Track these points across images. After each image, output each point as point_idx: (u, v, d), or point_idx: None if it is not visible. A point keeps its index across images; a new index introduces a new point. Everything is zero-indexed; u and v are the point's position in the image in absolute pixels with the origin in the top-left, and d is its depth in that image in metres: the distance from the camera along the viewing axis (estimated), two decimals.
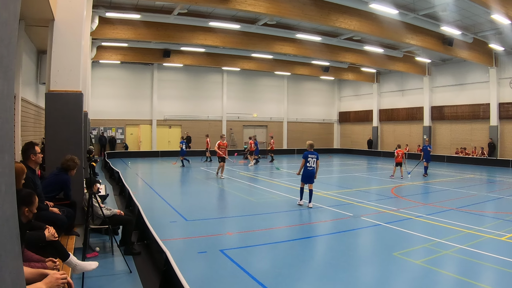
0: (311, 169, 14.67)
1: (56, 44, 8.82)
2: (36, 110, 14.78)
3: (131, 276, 7.56)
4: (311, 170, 14.68)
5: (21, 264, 2.04)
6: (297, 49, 31.35)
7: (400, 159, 23.40)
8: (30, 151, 7.27)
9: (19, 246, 2.01)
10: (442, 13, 23.25)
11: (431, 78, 39.60)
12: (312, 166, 14.68)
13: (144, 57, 34.84)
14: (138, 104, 40.88)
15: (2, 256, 1.72)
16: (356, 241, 10.78)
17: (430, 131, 39.49)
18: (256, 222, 12.64)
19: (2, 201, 1.72)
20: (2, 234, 1.73)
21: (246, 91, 46.28)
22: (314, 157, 14.78)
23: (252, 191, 18.74)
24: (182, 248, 9.60)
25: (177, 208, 14.28)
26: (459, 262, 8.64)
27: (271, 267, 8.36)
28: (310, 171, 14.67)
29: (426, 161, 24.77)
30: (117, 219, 9.03)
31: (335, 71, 42.79)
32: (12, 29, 1.81)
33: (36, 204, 4.88)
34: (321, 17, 22.43)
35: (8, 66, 1.76)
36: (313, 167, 14.70)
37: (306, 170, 14.70)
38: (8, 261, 1.80)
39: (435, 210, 14.24)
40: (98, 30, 23.52)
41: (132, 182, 20.39)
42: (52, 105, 8.84)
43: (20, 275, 2.03)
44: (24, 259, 4.42)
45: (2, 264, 1.72)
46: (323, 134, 50.83)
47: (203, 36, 27.82)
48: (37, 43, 14.50)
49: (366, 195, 17.64)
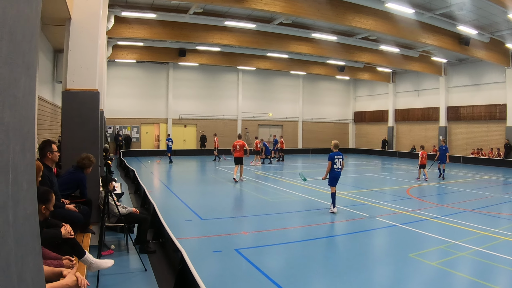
0: (338, 171, 13.86)
1: (73, 43, 8.87)
2: (52, 108, 14.89)
3: (146, 274, 7.58)
4: (339, 172, 13.89)
5: (41, 263, 2.04)
6: (313, 49, 31.25)
7: (425, 160, 22.65)
8: (47, 149, 7.30)
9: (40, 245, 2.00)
10: (458, 12, 23.02)
11: (447, 78, 39.23)
12: (339, 168, 13.88)
13: (160, 56, 34.99)
14: (154, 103, 41.05)
15: (24, 255, 1.72)
16: (371, 241, 10.72)
17: (446, 131, 39.09)
18: (271, 221, 12.62)
19: (24, 199, 1.72)
20: (23, 232, 1.72)
21: (261, 90, 46.22)
22: (340, 157, 13.95)
23: (267, 190, 18.73)
24: (197, 247, 9.60)
25: (193, 207, 14.29)
26: (475, 264, 8.55)
27: (286, 267, 8.34)
28: (338, 172, 13.87)
29: (441, 162, 23.84)
30: (133, 218, 9.06)
31: (350, 70, 42.58)
32: (34, 26, 1.80)
33: (53, 201, 4.91)
34: (337, 17, 22.34)
35: (30, 62, 1.76)
36: (340, 168, 13.92)
37: (333, 172, 13.83)
38: (29, 260, 1.79)
39: (451, 211, 14.11)
40: (114, 29, 23.64)
41: (147, 181, 20.46)
42: (69, 103, 8.88)
43: (40, 274, 2.02)
44: None
45: (24, 263, 1.71)
46: (338, 134, 50.51)
47: (218, 36, 27.83)
48: (53, 42, 14.60)
49: (381, 196, 17.55)
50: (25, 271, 1.72)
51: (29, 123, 1.77)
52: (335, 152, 13.93)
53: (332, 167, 13.75)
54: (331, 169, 13.77)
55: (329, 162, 13.81)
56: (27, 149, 1.75)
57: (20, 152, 1.66)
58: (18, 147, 1.64)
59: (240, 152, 21.42)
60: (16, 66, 1.62)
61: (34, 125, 1.88)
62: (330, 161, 13.78)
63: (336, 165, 13.77)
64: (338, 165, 13.82)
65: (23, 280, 1.69)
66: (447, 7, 22.69)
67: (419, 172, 23.16)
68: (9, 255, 1.55)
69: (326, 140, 48.90)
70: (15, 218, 1.61)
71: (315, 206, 14.80)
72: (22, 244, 1.70)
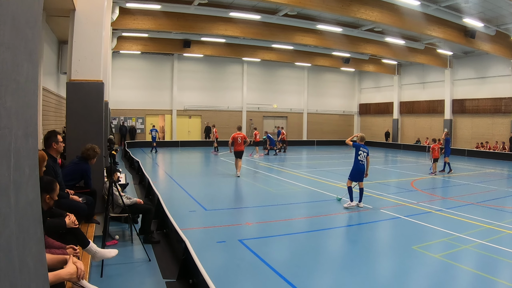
0: (362, 164, 13.31)
1: (77, 34, 8.85)
2: (57, 99, 14.91)
3: (150, 264, 7.61)
4: (362, 166, 13.33)
5: (43, 249, 2.05)
6: (318, 40, 31.14)
7: (437, 154, 22.23)
8: (52, 140, 7.32)
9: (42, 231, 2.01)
10: (464, 4, 22.86)
11: (453, 70, 39.03)
12: (363, 161, 13.31)
13: (165, 47, 34.93)
14: (158, 94, 41.10)
15: (26, 239, 1.73)
16: (375, 233, 10.73)
17: (451, 124, 38.96)
18: (275, 212, 12.66)
19: (26, 184, 1.73)
20: (25, 217, 1.73)
21: (266, 82, 46.14)
22: (366, 151, 13.38)
23: (271, 181, 18.72)
24: (201, 237, 9.63)
25: (197, 198, 14.32)
26: (478, 257, 8.56)
27: (290, 258, 8.37)
28: (361, 166, 13.32)
29: (447, 155, 23.23)
30: (137, 208, 9.10)
31: (355, 62, 42.44)
32: (37, 12, 1.80)
33: (57, 191, 4.93)
34: (342, 8, 22.24)
35: (33, 49, 1.76)
36: (364, 162, 13.35)
37: (357, 164, 13.34)
38: (31, 245, 1.80)
39: (455, 204, 14.10)
40: (118, 20, 23.60)
41: (152, 172, 20.50)
42: (73, 94, 8.88)
43: (43, 260, 2.04)
44: (45, 246, 4.46)
45: (25, 248, 1.72)
46: (343, 126, 50.55)
47: (223, 27, 27.77)
48: (58, 33, 14.60)
49: (385, 188, 17.53)
50: (26, 255, 1.73)
51: (31, 109, 1.78)
52: (361, 144, 13.49)
53: (356, 159, 13.31)
54: (355, 161, 13.35)
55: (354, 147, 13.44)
56: (29, 134, 1.75)
57: (22, 137, 1.67)
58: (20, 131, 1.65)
59: (241, 146, 19.93)
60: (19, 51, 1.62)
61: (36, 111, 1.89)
62: (355, 147, 13.41)
63: (360, 157, 13.27)
64: (362, 158, 13.29)
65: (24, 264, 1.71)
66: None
67: (433, 166, 22.44)
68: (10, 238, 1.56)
69: (331, 132, 49.01)
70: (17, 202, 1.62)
71: (320, 197, 14.81)
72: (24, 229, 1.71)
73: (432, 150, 22.27)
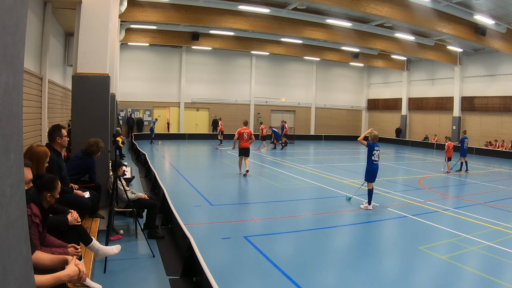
0: (376, 164, 12.88)
1: (83, 27, 8.78)
2: (63, 92, 14.87)
3: (154, 260, 7.56)
4: (377, 165, 12.91)
5: (30, 269, 1.96)
6: (327, 35, 30.93)
7: (451, 152, 21.91)
8: (56, 134, 7.26)
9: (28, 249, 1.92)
10: (475, 1, 22.64)
11: (462, 67, 38.66)
12: (377, 160, 12.85)
13: (173, 39, 34.83)
14: (166, 86, 41.10)
15: (7, 265, 1.64)
16: (381, 232, 10.66)
17: (460, 122, 38.68)
18: (281, 209, 12.59)
19: (7, 205, 1.63)
20: (6, 240, 1.64)
21: (274, 75, 45.97)
22: (379, 149, 12.97)
23: (278, 177, 18.63)
24: (206, 233, 9.59)
25: (202, 192, 14.27)
26: (485, 259, 8.45)
27: (295, 256, 8.31)
28: (376, 166, 12.89)
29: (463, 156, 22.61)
30: (142, 203, 9.06)
31: (364, 57, 42.16)
32: (19, 16, 1.70)
33: (58, 189, 4.86)
34: (352, 2, 22.05)
35: (14, 55, 1.66)
36: (378, 161, 12.95)
37: (371, 165, 12.83)
38: (13, 268, 1.71)
39: (463, 204, 13.99)
40: (126, 12, 23.48)
41: (158, 165, 20.47)
42: (79, 87, 8.82)
43: (30, 281, 1.95)
44: (46, 244, 4.41)
45: (7, 273, 1.64)
46: (351, 121, 50.36)
47: (232, 20, 27.63)
48: (64, 26, 14.55)
49: (393, 185, 17.43)
50: (8, 281, 1.64)
51: (14, 121, 1.68)
52: (374, 143, 12.87)
53: (371, 159, 12.82)
54: (370, 162, 12.85)
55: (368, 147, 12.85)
56: (11, 150, 1.65)
57: (2, 154, 1.57)
58: None
59: (247, 142, 18.44)
60: None
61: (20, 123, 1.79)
62: (369, 147, 12.82)
63: (374, 157, 12.78)
64: (376, 157, 12.82)
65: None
66: None
67: (448, 165, 22.04)
68: None
69: (339, 127, 48.87)
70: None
71: (327, 194, 14.73)
72: (4, 253, 1.62)
73: (447, 148, 21.92)
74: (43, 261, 3.80)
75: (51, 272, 3.63)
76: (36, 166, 5.49)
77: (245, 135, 18.49)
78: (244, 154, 18.41)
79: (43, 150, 5.85)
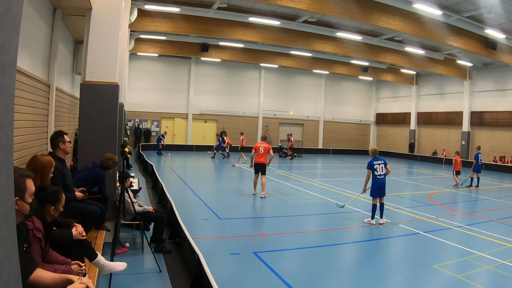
0: (381, 178, 12.44)
1: (93, 34, 8.63)
2: (71, 100, 14.70)
3: (160, 275, 7.33)
4: (381, 180, 12.45)
5: None
6: (337, 48, 30.82)
7: (459, 166, 22.26)
8: (58, 139, 7.07)
9: None
10: (487, 15, 22.43)
11: (472, 82, 38.40)
12: (382, 174, 12.45)
13: (182, 50, 34.82)
14: (175, 97, 41.06)
15: None
16: (393, 250, 10.37)
17: (469, 137, 38.38)
18: (291, 224, 12.36)
19: None
20: None
21: (283, 88, 45.86)
22: (381, 162, 12.58)
23: (286, 190, 18.36)
24: (215, 248, 9.34)
25: (211, 205, 14.04)
26: (501, 278, 8.14)
27: (306, 273, 8.02)
28: (380, 180, 12.44)
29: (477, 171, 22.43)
30: (149, 216, 8.87)
31: (374, 71, 42.09)
32: None
33: (62, 202, 4.64)
34: (363, 16, 21.90)
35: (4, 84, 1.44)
36: (383, 175, 12.49)
37: (375, 180, 12.45)
38: None
39: (475, 220, 13.69)
40: (136, 22, 23.47)
41: (166, 176, 20.27)
42: (87, 96, 8.65)
43: None
44: (48, 260, 4.17)
45: None
46: (359, 135, 50.12)
47: (242, 32, 27.58)
48: (74, 33, 14.43)
49: (403, 201, 17.14)
50: None
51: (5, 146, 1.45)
52: (374, 158, 12.68)
53: (373, 174, 12.47)
54: (373, 177, 12.49)
55: (368, 171, 12.56)
56: None
57: None
58: None
59: (264, 157, 16.35)
60: None
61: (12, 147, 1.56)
62: (369, 169, 12.51)
63: (377, 172, 12.42)
64: (380, 172, 12.43)
65: None
66: (475, 9, 22.05)
67: (456, 179, 22.33)
68: None
69: (347, 141, 48.67)
70: None
71: (336, 209, 14.41)
72: None
73: (455, 162, 22.19)
74: (44, 280, 3.55)
75: None
76: (40, 177, 5.28)
77: (262, 149, 16.36)
78: (260, 171, 16.49)
79: (48, 160, 5.64)
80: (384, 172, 12.60)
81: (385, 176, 12.66)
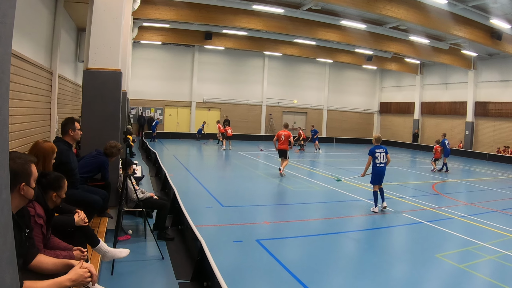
0: (381, 166, 12.67)
1: (96, 21, 8.58)
2: (74, 88, 14.71)
3: (163, 262, 7.34)
4: (381, 168, 12.68)
5: None
6: (341, 36, 30.66)
7: (439, 154, 24.16)
8: (68, 126, 7.09)
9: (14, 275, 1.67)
10: (492, 5, 22.24)
11: (476, 72, 38.09)
12: (382, 162, 12.65)
13: (186, 38, 34.74)
14: (178, 85, 41.05)
15: None
16: (396, 238, 10.39)
17: (473, 127, 38.18)
18: (294, 211, 12.41)
19: None
20: None
21: (287, 76, 45.71)
22: (383, 151, 12.74)
23: (290, 179, 18.34)
24: (217, 235, 9.37)
25: (214, 193, 14.07)
26: (504, 269, 8.14)
27: (308, 261, 8.04)
28: (381, 168, 12.67)
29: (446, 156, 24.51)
30: (151, 203, 8.86)
31: (378, 60, 41.83)
32: None
33: (65, 188, 4.63)
34: (368, 4, 21.77)
35: None
36: (383, 163, 12.69)
37: (375, 168, 12.67)
38: None
39: (478, 210, 13.63)
40: (140, 10, 23.33)
41: (169, 164, 20.29)
42: (90, 82, 8.61)
43: None
44: (50, 246, 4.17)
45: None
46: (363, 124, 49.96)
47: (246, 19, 27.44)
48: (77, 21, 14.40)
49: (406, 190, 17.14)
50: None
51: None
52: (376, 145, 12.86)
53: (374, 161, 12.67)
54: (373, 164, 12.70)
55: (369, 157, 12.77)
56: None
57: None
58: None
59: (285, 144, 18.96)
60: None
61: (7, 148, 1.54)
62: (370, 155, 12.73)
63: (378, 160, 12.61)
64: (380, 160, 12.62)
65: None
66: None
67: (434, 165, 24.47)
68: None
69: (351, 130, 48.56)
70: None
71: (339, 197, 14.44)
72: None
73: (435, 150, 24.29)
74: (46, 265, 3.55)
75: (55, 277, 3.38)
76: (42, 163, 5.26)
77: (283, 137, 19.00)
78: (282, 156, 19.19)
79: (50, 146, 5.62)
80: (385, 161, 12.73)
81: (385, 165, 12.79)
